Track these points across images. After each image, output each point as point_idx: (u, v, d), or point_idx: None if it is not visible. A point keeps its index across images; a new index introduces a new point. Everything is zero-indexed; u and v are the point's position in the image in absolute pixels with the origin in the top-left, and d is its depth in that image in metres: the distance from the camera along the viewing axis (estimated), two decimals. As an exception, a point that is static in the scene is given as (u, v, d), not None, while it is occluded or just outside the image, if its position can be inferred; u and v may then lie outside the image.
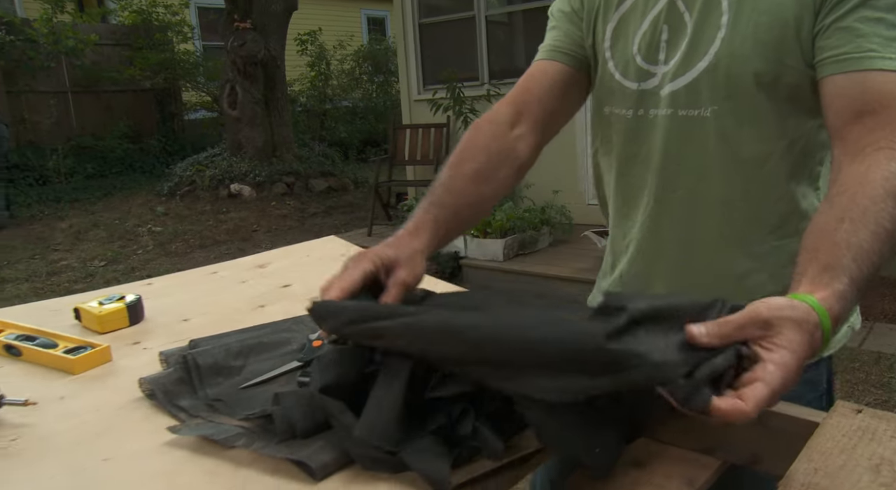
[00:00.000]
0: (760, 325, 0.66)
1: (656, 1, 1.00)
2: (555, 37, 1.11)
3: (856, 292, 0.72)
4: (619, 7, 1.04)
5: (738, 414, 0.62)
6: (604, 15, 1.06)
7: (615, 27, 1.05)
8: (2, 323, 1.20)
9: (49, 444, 0.83)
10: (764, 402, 0.63)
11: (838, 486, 0.68)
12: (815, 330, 0.67)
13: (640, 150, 1.05)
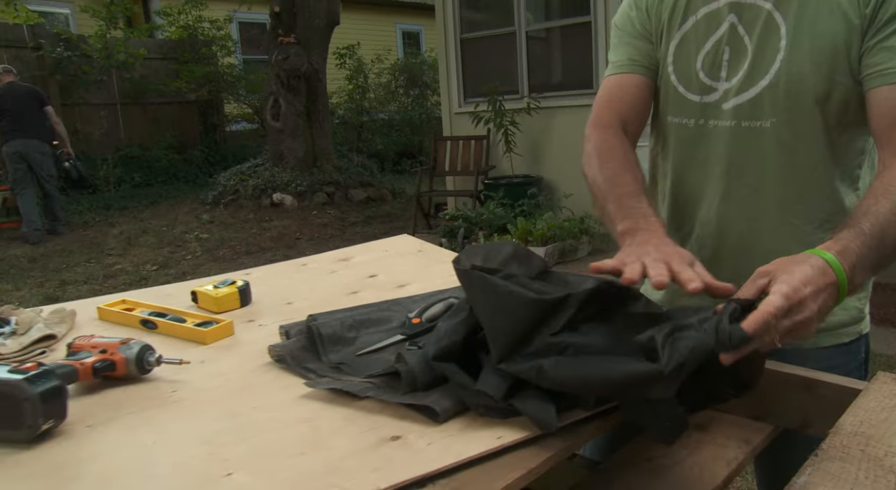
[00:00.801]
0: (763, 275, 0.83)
1: (718, 25, 1.13)
2: (629, 51, 1.22)
3: (870, 241, 0.86)
4: (682, 27, 1.18)
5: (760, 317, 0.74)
6: (667, 33, 1.20)
7: (678, 44, 1.18)
8: (132, 302, 1.38)
9: (203, 395, 0.99)
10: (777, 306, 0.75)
11: (881, 434, 0.81)
12: (820, 264, 0.81)
13: (700, 155, 1.19)
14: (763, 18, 1.08)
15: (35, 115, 6.74)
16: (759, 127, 1.11)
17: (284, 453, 0.81)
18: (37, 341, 1.18)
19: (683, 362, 0.75)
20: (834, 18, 1.03)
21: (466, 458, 0.77)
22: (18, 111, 6.61)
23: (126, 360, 1.02)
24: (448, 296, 1.23)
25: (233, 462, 0.79)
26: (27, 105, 6.70)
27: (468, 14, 6.52)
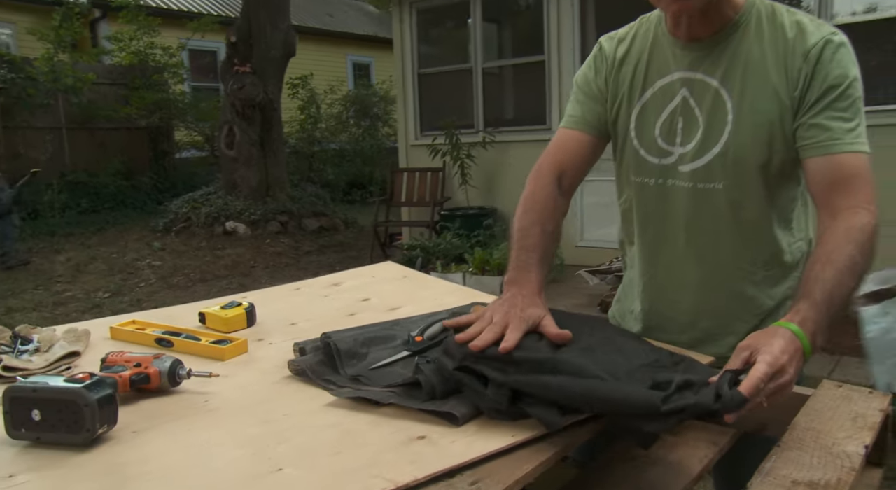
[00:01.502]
0: (745, 349, 0.98)
1: (672, 97, 1.30)
2: (583, 111, 1.39)
3: (823, 308, 1.03)
4: (641, 97, 1.34)
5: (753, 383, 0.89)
6: (628, 102, 1.36)
7: (638, 113, 1.35)
8: (142, 323, 1.46)
9: (234, 405, 1.08)
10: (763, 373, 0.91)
11: (829, 429, 0.97)
12: (789, 336, 0.98)
13: (662, 210, 1.35)
14: (711, 94, 1.26)
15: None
16: (713, 188, 1.28)
17: (323, 452, 0.91)
18: (61, 358, 1.25)
19: (680, 411, 0.90)
20: (770, 99, 1.21)
21: (488, 453, 0.89)
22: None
23: (160, 372, 1.11)
24: (443, 317, 1.35)
25: (277, 460, 0.89)
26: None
27: (425, 50, 6.74)
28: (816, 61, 1.19)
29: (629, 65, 1.35)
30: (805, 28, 1.22)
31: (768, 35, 1.24)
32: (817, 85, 1.19)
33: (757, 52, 1.23)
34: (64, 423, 0.93)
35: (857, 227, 1.12)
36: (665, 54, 1.31)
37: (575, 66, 5.70)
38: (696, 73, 1.27)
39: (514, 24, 6.69)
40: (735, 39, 1.25)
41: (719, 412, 0.90)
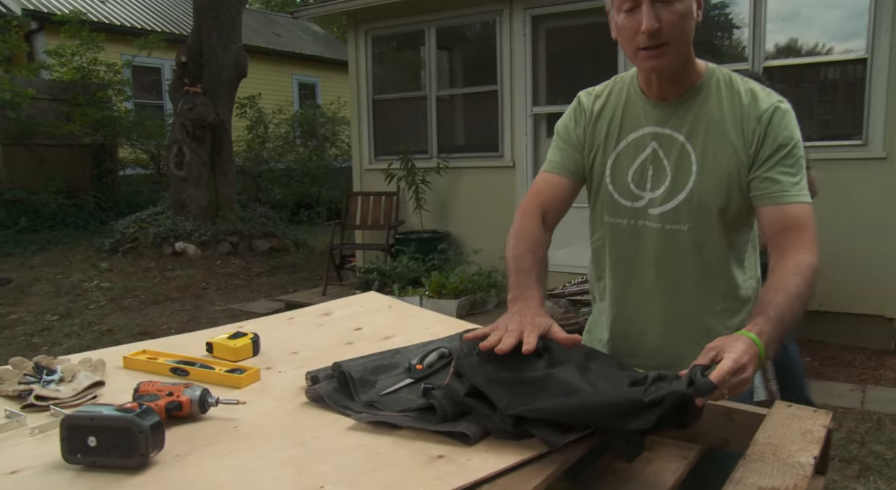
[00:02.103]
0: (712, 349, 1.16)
1: (644, 148, 1.49)
2: (563, 157, 1.57)
3: (776, 325, 1.22)
4: (616, 148, 1.52)
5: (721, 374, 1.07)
6: (603, 151, 1.53)
7: (613, 161, 1.53)
8: (153, 352, 1.55)
9: (263, 429, 1.19)
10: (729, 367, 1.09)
11: (785, 443, 1.15)
12: (748, 341, 1.16)
13: (633, 247, 1.53)
14: (678, 147, 1.45)
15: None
16: (679, 229, 1.46)
17: (359, 470, 1.03)
18: (87, 388, 1.33)
19: (660, 400, 1.06)
20: (728, 153, 1.41)
21: (502, 469, 1.03)
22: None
23: (191, 400, 1.21)
24: (439, 346, 1.49)
25: (319, 479, 1.01)
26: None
27: (380, 76, 6.88)
28: (768, 124, 1.39)
29: (605, 118, 1.53)
30: (758, 95, 1.43)
31: (727, 99, 1.43)
32: (769, 144, 1.39)
33: (717, 113, 1.43)
34: (118, 448, 1.03)
35: (803, 264, 1.32)
36: (637, 110, 1.50)
37: (526, 96, 5.95)
38: (664, 129, 1.46)
39: (468, 53, 6.92)
40: (699, 101, 1.45)
41: (693, 396, 1.06)
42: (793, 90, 5.22)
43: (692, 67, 1.44)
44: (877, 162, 4.63)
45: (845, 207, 4.72)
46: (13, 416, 1.22)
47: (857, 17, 4.70)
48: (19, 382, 1.34)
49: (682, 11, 1.34)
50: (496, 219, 6.03)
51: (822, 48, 4.95)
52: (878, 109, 4.59)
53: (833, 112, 5.17)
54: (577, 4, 5.65)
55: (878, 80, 4.58)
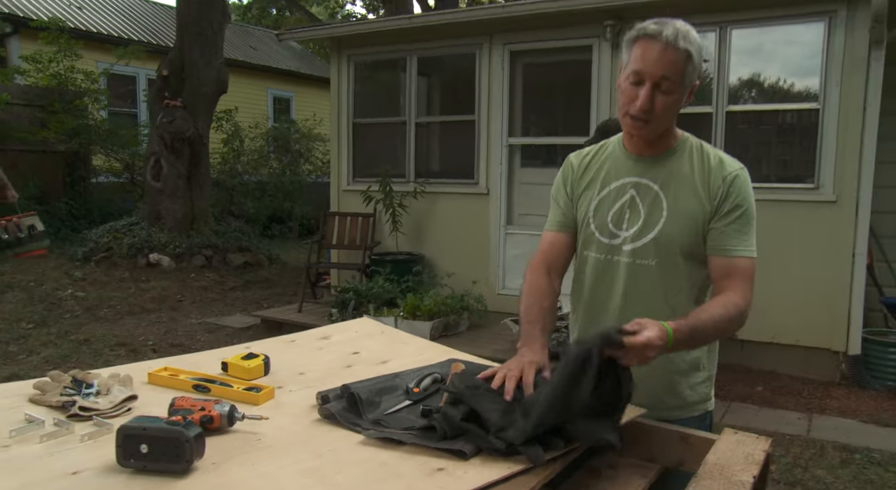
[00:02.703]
0: (636, 324, 1.39)
1: (624, 194, 1.72)
2: (559, 215, 1.83)
3: (690, 330, 1.47)
4: (600, 193, 1.76)
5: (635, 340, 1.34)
6: (588, 197, 1.77)
7: (597, 204, 1.76)
8: (174, 369, 1.71)
9: (283, 442, 1.37)
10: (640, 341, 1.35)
11: (731, 464, 1.36)
12: (664, 330, 1.40)
13: (608, 278, 1.75)
14: (653, 195, 1.69)
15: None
16: (648, 264, 1.69)
17: (372, 480, 1.21)
18: (123, 401, 1.50)
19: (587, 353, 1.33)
20: (695, 204, 1.65)
21: (494, 480, 1.22)
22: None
23: (221, 415, 1.38)
24: (433, 371, 1.68)
25: (339, 486, 1.19)
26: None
27: (362, 100, 7.08)
28: (730, 185, 1.64)
29: (591, 170, 1.79)
30: (724, 160, 1.68)
31: (696, 161, 1.68)
32: (729, 201, 1.63)
33: (688, 171, 1.67)
34: (166, 455, 1.20)
35: (731, 302, 1.58)
36: (620, 164, 1.75)
37: (502, 127, 6.20)
38: (642, 179, 1.70)
39: (448, 82, 7.14)
40: (673, 160, 1.69)
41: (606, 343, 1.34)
42: (753, 133, 5.56)
43: (670, 134, 1.71)
44: (827, 205, 4.96)
45: (798, 246, 5.03)
46: (62, 424, 1.38)
47: (813, 64, 5.06)
48: (61, 394, 1.50)
49: (672, 102, 1.60)
50: (469, 244, 6.26)
51: (783, 86, 5.30)
52: (829, 156, 4.93)
53: (790, 155, 5.51)
54: (553, 42, 5.94)
55: (828, 129, 4.92)
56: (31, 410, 1.44)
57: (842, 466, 3.61)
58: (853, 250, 4.87)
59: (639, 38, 1.59)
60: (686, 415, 1.75)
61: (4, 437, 1.33)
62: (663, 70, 1.55)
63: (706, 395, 1.80)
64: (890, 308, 5.59)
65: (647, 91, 1.57)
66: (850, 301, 4.90)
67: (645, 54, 1.57)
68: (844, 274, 4.90)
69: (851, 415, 4.39)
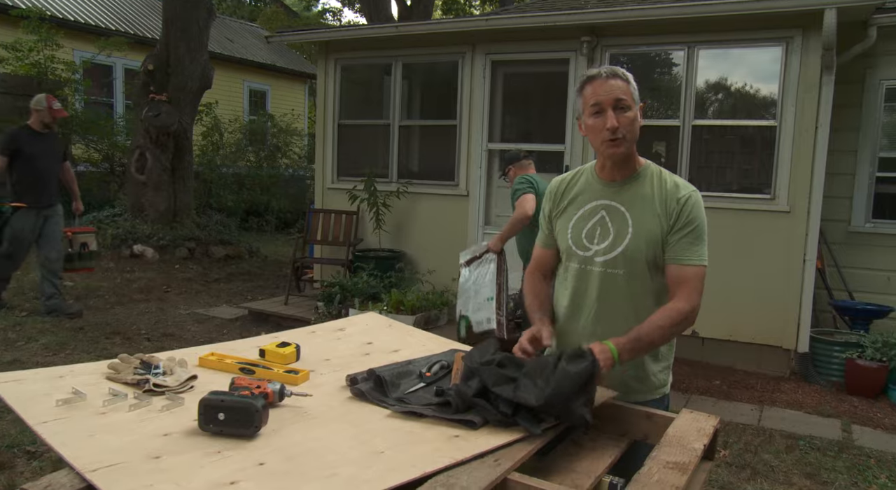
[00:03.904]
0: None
1: (595, 214, 2.06)
2: (545, 235, 2.20)
3: (632, 341, 1.86)
4: (576, 214, 2.10)
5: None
6: (566, 217, 2.11)
7: (574, 223, 2.09)
8: (219, 354, 2.00)
9: (324, 415, 1.67)
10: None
11: (686, 435, 1.70)
12: (605, 347, 1.79)
13: (584, 284, 2.08)
14: (620, 215, 2.02)
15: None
16: (616, 273, 2.02)
17: (405, 442, 1.53)
18: (187, 380, 1.79)
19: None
20: (654, 221, 1.99)
21: (499, 444, 1.55)
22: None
23: (274, 392, 1.68)
24: (440, 359, 2.01)
25: (379, 446, 1.49)
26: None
27: (347, 102, 7.34)
28: (684, 204, 1.98)
29: (570, 192, 2.14)
30: (678, 184, 2.02)
31: (656, 185, 2.02)
32: (682, 219, 1.97)
33: (649, 193, 2.01)
34: (239, 421, 1.50)
35: (674, 309, 1.94)
36: (593, 188, 2.09)
37: (483, 132, 6.52)
38: (611, 202, 2.05)
39: (431, 88, 7.43)
40: (637, 184, 2.03)
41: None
42: (716, 146, 5.97)
43: (635, 160, 2.04)
44: (782, 214, 5.38)
45: (755, 252, 5.45)
46: (141, 397, 1.67)
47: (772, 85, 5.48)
48: (134, 374, 1.78)
49: (632, 117, 1.96)
50: (449, 243, 6.57)
51: (745, 103, 5.72)
52: (784, 170, 5.35)
53: (750, 167, 5.93)
54: (533, 54, 6.28)
55: (784, 145, 5.34)
56: (110, 386, 1.73)
57: (786, 452, 4.01)
58: (804, 256, 5.31)
59: (585, 84, 1.99)
60: (650, 397, 2.09)
61: (99, 407, 1.61)
62: (616, 93, 1.94)
63: (665, 380, 2.14)
64: (839, 310, 6.05)
65: (611, 112, 1.93)
66: (801, 303, 5.34)
67: (596, 90, 1.96)
68: (796, 278, 5.33)
69: (798, 407, 4.81)
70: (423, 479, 1.37)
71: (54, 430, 1.48)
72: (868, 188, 6.11)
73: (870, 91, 6.01)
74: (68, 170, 6.29)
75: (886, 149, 6.11)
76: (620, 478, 1.73)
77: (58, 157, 6.11)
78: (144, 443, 1.45)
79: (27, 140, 5.87)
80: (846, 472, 3.76)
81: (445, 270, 6.36)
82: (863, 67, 5.89)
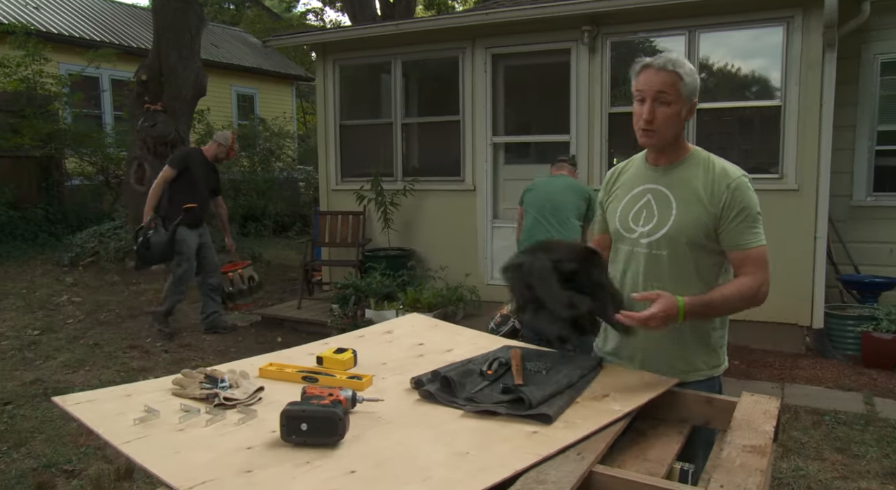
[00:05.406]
0: (653, 295, 1.83)
1: (642, 198, 2.10)
2: (601, 221, 2.27)
3: (703, 304, 1.93)
4: (623, 199, 2.15)
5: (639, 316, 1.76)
6: (616, 202, 2.16)
7: (622, 206, 2.14)
8: (278, 364, 2.00)
9: (400, 419, 1.68)
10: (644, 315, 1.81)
11: (753, 418, 1.72)
12: (675, 303, 1.83)
13: (633, 264, 2.12)
14: (665, 198, 2.07)
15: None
16: (661, 254, 2.07)
17: (487, 442, 1.54)
18: (255, 392, 1.79)
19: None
20: (698, 207, 2.02)
21: (580, 437, 1.56)
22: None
23: (346, 398, 1.69)
24: (498, 356, 2.02)
25: (462, 447, 1.50)
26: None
27: (347, 103, 7.33)
28: (735, 190, 2.01)
29: (622, 179, 2.21)
30: (726, 169, 2.05)
31: (703, 170, 2.06)
32: (736, 205, 2.01)
33: (694, 178, 2.05)
34: (322, 431, 1.50)
35: (744, 284, 1.99)
36: (641, 173, 2.15)
37: (487, 127, 6.53)
38: (657, 186, 2.10)
39: (432, 84, 7.43)
40: (682, 169, 2.08)
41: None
42: (722, 128, 6.00)
43: (680, 146, 2.10)
44: (791, 193, 5.43)
45: (766, 232, 5.45)
46: (213, 412, 1.67)
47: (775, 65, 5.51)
48: (201, 388, 1.79)
49: (671, 113, 2.00)
50: (459, 239, 6.59)
51: (749, 84, 5.75)
52: (791, 150, 5.39)
53: (756, 147, 5.98)
54: (534, 46, 6.29)
55: (790, 124, 5.38)
56: (181, 402, 1.73)
57: (814, 428, 4.06)
58: (815, 234, 5.36)
59: (640, 71, 2.03)
60: (703, 377, 2.13)
61: (175, 423, 1.62)
62: (658, 86, 1.97)
63: (717, 363, 2.17)
64: (846, 285, 6.11)
65: (649, 105, 1.98)
66: (814, 280, 5.39)
67: (642, 78, 2.01)
68: (808, 255, 5.38)
69: (818, 382, 4.87)
70: (514, 477, 1.38)
71: (140, 449, 1.48)
72: (868, 162, 6.17)
73: (865, 66, 6.06)
74: (222, 204, 6.62)
75: (884, 122, 6.17)
76: (690, 464, 1.76)
77: (213, 189, 6.35)
78: (231, 457, 1.45)
79: (197, 162, 6.08)
80: (875, 445, 3.81)
81: (457, 266, 6.38)
82: (857, 43, 5.94)
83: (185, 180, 5.96)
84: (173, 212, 5.89)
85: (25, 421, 3.98)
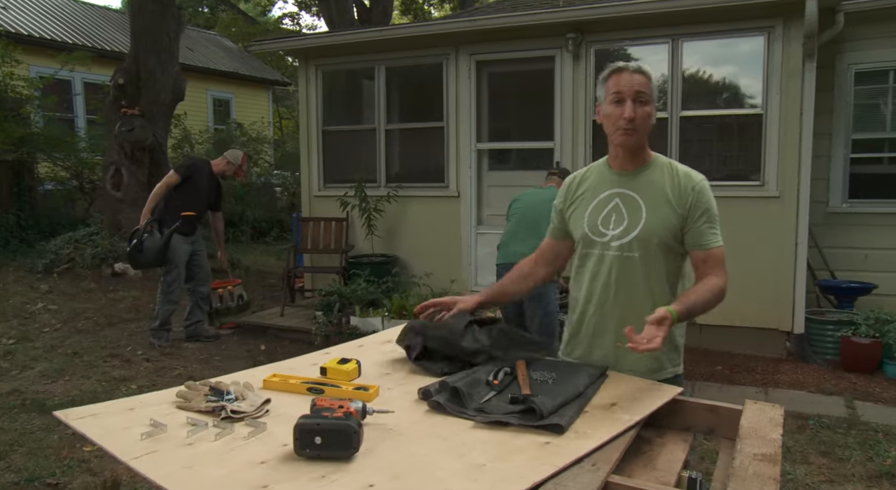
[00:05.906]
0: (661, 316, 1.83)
1: (610, 202, 2.15)
2: (553, 227, 2.32)
3: (686, 308, 1.93)
4: (592, 203, 2.19)
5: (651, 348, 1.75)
6: (582, 208, 2.20)
7: (590, 211, 2.18)
8: (282, 375, 1.98)
9: (411, 430, 1.66)
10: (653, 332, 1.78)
11: (759, 426, 1.74)
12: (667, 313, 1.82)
13: (603, 268, 2.16)
14: (633, 201, 2.13)
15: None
16: (632, 256, 2.12)
17: (502, 453, 1.53)
18: (262, 404, 1.76)
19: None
20: (667, 208, 2.09)
21: (594, 447, 1.56)
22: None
23: (357, 410, 1.67)
24: (502, 365, 2.02)
25: (477, 458, 1.50)
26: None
27: (330, 108, 7.29)
28: (699, 193, 2.10)
29: (584, 185, 2.25)
30: (689, 173, 2.14)
31: (667, 174, 2.15)
32: (700, 207, 2.09)
33: (660, 182, 2.13)
34: (337, 444, 1.48)
35: (713, 282, 2.05)
36: (606, 178, 2.21)
37: (471, 133, 6.54)
38: (624, 190, 2.16)
39: (416, 90, 7.41)
40: (648, 173, 2.15)
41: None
42: (705, 136, 6.08)
43: (645, 151, 2.17)
44: (772, 200, 5.51)
45: (748, 238, 5.57)
46: (221, 425, 1.65)
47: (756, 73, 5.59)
48: (206, 401, 1.76)
49: (649, 112, 2.10)
50: (443, 245, 6.58)
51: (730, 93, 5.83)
52: (772, 157, 5.48)
53: (738, 155, 6.06)
54: (518, 53, 6.32)
55: (771, 132, 5.47)
56: (187, 416, 1.70)
57: (798, 432, 4.12)
58: (795, 240, 5.44)
59: (611, 74, 2.11)
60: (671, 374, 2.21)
61: (183, 438, 1.59)
62: (637, 87, 2.05)
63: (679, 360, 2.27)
64: (824, 290, 6.21)
65: (630, 104, 2.05)
66: (794, 285, 5.47)
67: (619, 80, 2.07)
68: (789, 262, 5.47)
69: (800, 386, 4.94)
70: (533, 488, 1.38)
71: (150, 465, 1.45)
72: (843, 169, 6.29)
73: (840, 75, 6.18)
74: (220, 220, 6.49)
75: (859, 130, 6.30)
76: (699, 472, 1.77)
77: (213, 202, 6.32)
78: (245, 472, 1.43)
79: (203, 174, 6.08)
80: (859, 448, 3.87)
81: (442, 272, 6.38)
82: (833, 53, 6.06)
83: (187, 189, 5.94)
84: (170, 218, 5.82)
85: (4, 433, 3.89)
